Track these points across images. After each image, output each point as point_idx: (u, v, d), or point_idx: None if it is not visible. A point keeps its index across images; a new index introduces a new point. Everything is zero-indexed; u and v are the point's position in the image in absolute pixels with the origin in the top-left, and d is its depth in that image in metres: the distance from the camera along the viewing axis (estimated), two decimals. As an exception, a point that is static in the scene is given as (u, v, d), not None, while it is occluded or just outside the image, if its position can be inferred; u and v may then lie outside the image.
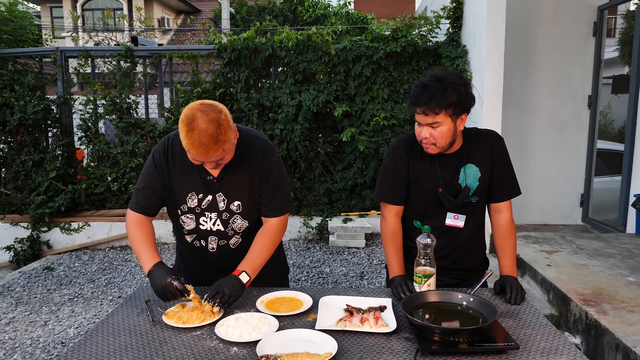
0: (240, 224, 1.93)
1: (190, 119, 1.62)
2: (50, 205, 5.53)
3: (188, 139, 1.62)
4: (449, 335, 1.47)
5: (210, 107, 1.65)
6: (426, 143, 1.82)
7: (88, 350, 1.48)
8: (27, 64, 6.13)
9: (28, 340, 3.43)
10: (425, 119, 1.76)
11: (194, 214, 1.91)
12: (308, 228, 5.62)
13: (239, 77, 5.60)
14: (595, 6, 5.28)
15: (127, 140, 5.73)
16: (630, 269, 3.32)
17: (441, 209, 1.94)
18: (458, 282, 2.00)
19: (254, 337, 1.50)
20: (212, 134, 1.61)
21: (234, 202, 1.89)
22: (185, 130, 1.62)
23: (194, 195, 1.88)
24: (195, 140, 1.61)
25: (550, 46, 5.35)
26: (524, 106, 5.42)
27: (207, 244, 1.95)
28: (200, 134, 1.60)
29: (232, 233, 1.94)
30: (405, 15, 5.77)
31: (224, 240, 1.94)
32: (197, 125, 1.61)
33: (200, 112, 1.62)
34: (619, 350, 2.34)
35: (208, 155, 1.65)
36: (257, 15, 13.49)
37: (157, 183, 1.88)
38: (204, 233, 1.93)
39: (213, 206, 1.89)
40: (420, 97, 1.73)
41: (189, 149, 1.65)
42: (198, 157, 1.66)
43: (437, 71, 1.79)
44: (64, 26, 16.97)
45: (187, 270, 2.08)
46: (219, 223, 1.91)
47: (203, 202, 1.89)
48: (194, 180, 1.87)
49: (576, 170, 5.51)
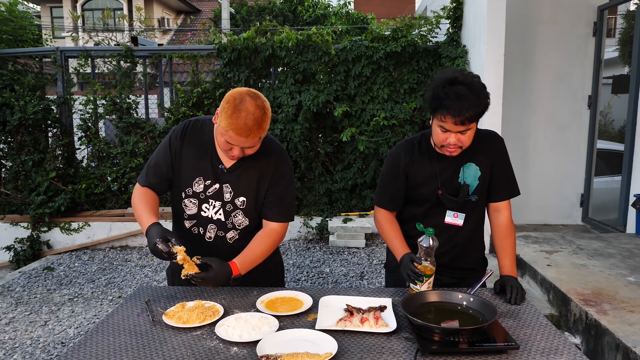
0: (241, 220, 1.93)
1: (238, 100, 1.66)
2: (50, 205, 5.53)
3: (234, 119, 1.64)
4: (449, 335, 1.47)
5: (258, 94, 1.72)
6: (454, 147, 1.79)
7: (88, 350, 1.48)
8: (27, 64, 6.13)
9: (28, 340, 3.43)
10: (457, 127, 1.73)
11: (197, 199, 1.91)
12: (308, 228, 5.62)
13: (239, 77, 5.60)
14: (595, 6, 5.28)
15: (127, 140, 5.73)
16: (630, 269, 3.32)
17: (441, 207, 1.95)
18: (456, 281, 2.00)
19: (254, 337, 1.50)
20: (258, 119, 1.66)
21: (239, 197, 1.89)
22: (232, 111, 1.65)
23: (201, 181, 1.89)
24: (241, 121, 1.64)
25: (550, 46, 5.35)
26: (524, 106, 5.42)
27: (206, 232, 1.94)
28: (247, 115, 1.64)
29: (231, 226, 1.93)
30: (405, 15, 5.77)
31: (222, 232, 1.94)
32: (245, 107, 1.65)
33: (249, 96, 1.68)
34: (619, 350, 2.34)
35: (247, 139, 1.68)
36: (257, 15, 13.49)
37: (168, 162, 1.90)
38: (205, 220, 1.93)
39: (219, 195, 1.89)
40: (459, 108, 1.68)
41: (229, 129, 1.66)
42: (236, 139, 1.68)
43: (459, 75, 1.74)
44: (64, 26, 16.97)
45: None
46: (221, 213, 1.91)
47: (209, 189, 1.89)
48: (204, 166, 1.88)
49: (576, 170, 5.51)
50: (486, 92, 1.75)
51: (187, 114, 5.66)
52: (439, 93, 1.73)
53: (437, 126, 1.78)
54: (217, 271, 1.72)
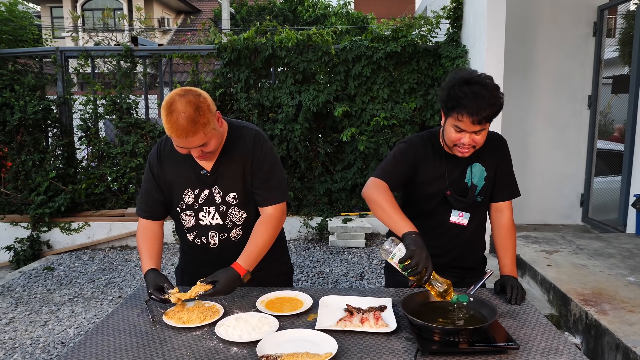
0: (239, 215, 1.92)
1: (168, 103, 1.64)
2: (50, 205, 5.53)
3: (167, 122, 1.63)
4: (449, 335, 1.47)
5: (189, 91, 1.66)
6: (467, 148, 1.78)
7: (88, 350, 1.48)
8: (27, 64, 6.13)
9: (28, 340, 3.43)
10: (473, 127, 1.72)
11: (192, 210, 1.91)
12: (308, 228, 5.62)
13: (239, 77, 5.60)
14: (595, 6, 5.27)
15: (127, 140, 5.73)
16: (630, 269, 3.32)
17: (446, 206, 1.95)
18: (457, 280, 1.99)
19: (254, 337, 1.50)
20: (190, 116, 1.61)
21: (229, 193, 1.89)
22: (165, 115, 1.63)
23: (189, 192, 1.89)
24: (174, 123, 1.61)
25: (550, 46, 5.35)
26: (524, 106, 5.41)
27: (209, 239, 1.94)
28: (178, 116, 1.61)
29: (231, 225, 1.93)
30: (405, 15, 5.77)
31: (224, 234, 1.94)
32: (175, 108, 1.62)
33: (178, 96, 1.64)
34: (619, 350, 2.34)
35: (188, 140, 1.65)
36: (257, 15, 13.48)
37: (154, 187, 1.93)
38: (204, 228, 1.93)
39: (210, 200, 1.89)
40: (477, 108, 1.67)
41: (170, 134, 1.65)
42: (179, 141, 1.66)
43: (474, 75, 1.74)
44: (64, 26, 16.97)
45: (190, 270, 2.08)
46: (217, 216, 1.91)
47: (200, 197, 1.89)
48: (188, 177, 1.89)
49: (576, 170, 5.51)
50: (501, 92, 1.75)
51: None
52: (455, 92, 1.71)
53: (452, 126, 1.77)
54: (224, 281, 1.70)
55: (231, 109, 5.74)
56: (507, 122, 4.57)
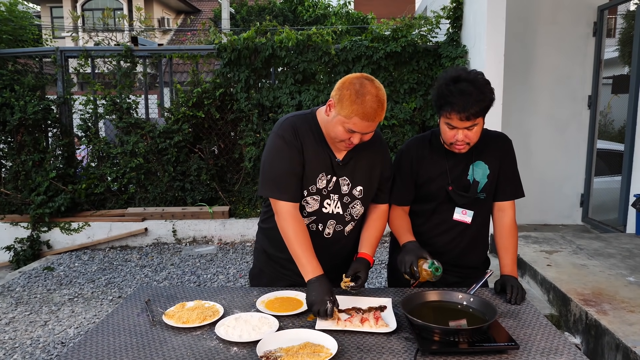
0: (359, 210, 1.91)
1: (358, 86, 1.65)
2: (50, 205, 5.53)
3: (358, 104, 1.63)
4: (449, 335, 1.47)
5: (371, 77, 1.71)
6: (461, 144, 1.82)
7: (88, 350, 1.48)
8: (27, 64, 6.13)
9: (28, 340, 3.43)
10: (463, 123, 1.76)
11: (320, 195, 1.85)
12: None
13: (239, 77, 5.60)
14: (595, 6, 5.27)
15: (127, 140, 5.73)
16: (630, 269, 3.32)
17: (450, 204, 1.96)
18: (459, 280, 2.00)
19: (254, 337, 1.50)
20: (381, 100, 1.66)
21: (357, 186, 1.88)
22: (355, 96, 1.63)
23: (323, 176, 1.84)
24: (367, 105, 1.63)
25: (550, 46, 5.35)
26: (524, 106, 5.41)
27: (325, 227, 1.89)
28: (372, 99, 1.63)
29: (349, 219, 1.91)
30: (405, 15, 5.77)
31: (340, 226, 1.91)
32: (368, 91, 1.64)
33: (367, 80, 1.67)
34: (619, 350, 2.34)
35: (372, 123, 1.67)
36: (257, 15, 13.48)
37: (297, 161, 1.79)
38: (325, 216, 1.88)
39: (336, 189, 1.86)
40: (463, 104, 1.72)
41: (353, 116, 1.64)
42: (360, 125, 1.66)
43: (462, 73, 1.79)
44: (64, 26, 16.96)
45: (278, 257, 1.99)
46: (339, 206, 1.88)
47: (330, 184, 1.86)
48: (324, 161, 1.83)
49: (576, 170, 5.51)
50: (490, 88, 1.78)
51: (187, 114, 5.66)
52: (443, 91, 1.77)
53: (444, 124, 1.82)
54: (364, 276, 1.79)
55: (231, 109, 5.74)
56: (507, 122, 4.57)
